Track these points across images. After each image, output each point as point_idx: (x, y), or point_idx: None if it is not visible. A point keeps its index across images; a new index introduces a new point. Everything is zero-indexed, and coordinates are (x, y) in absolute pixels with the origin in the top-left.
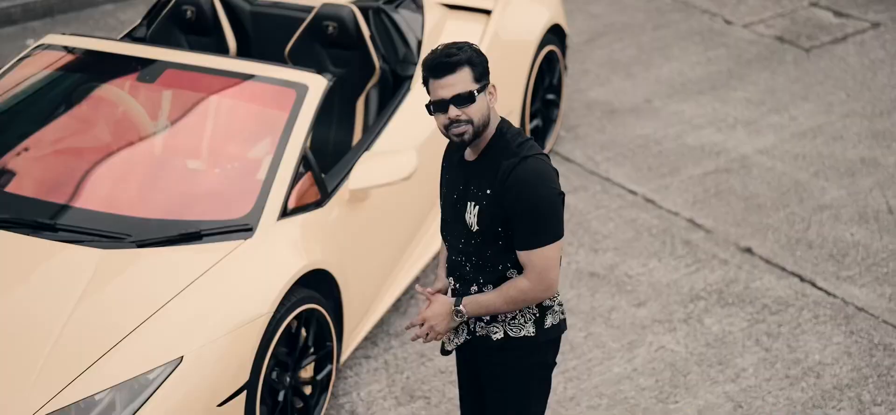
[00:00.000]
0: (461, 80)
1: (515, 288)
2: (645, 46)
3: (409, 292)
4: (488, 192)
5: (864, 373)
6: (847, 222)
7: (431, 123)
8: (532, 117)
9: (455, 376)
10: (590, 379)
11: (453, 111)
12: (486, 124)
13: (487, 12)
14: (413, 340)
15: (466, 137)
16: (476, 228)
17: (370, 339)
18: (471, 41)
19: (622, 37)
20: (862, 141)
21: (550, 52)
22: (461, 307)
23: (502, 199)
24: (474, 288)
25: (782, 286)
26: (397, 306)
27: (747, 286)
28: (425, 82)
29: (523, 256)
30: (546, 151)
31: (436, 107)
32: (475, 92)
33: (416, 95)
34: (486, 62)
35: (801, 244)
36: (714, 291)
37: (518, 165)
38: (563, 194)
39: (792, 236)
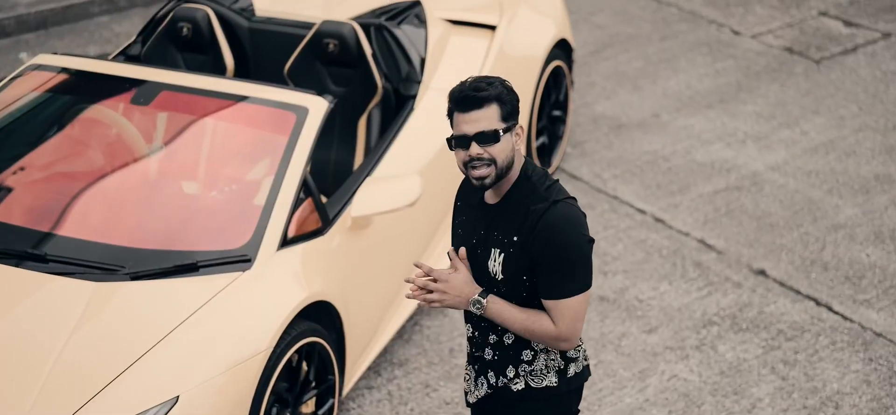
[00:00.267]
0: (487, 117)
1: (540, 327)
2: (651, 58)
3: (413, 319)
4: (515, 239)
5: (885, 403)
6: (863, 242)
7: (436, 145)
8: (538, 135)
9: (461, 408)
10: (601, 411)
11: (475, 149)
12: (509, 166)
13: (492, 28)
14: (410, 293)
15: (488, 180)
16: (501, 277)
17: (373, 368)
18: (501, 77)
19: (628, 48)
20: (875, 156)
21: (557, 68)
22: (484, 301)
23: (530, 245)
24: (493, 338)
25: (797, 310)
26: (401, 334)
27: (761, 311)
28: (449, 114)
29: (550, 304)
30: (552, 168)
31: (457, 142)
32: (500, 131)
33: (420, 115)
34: (517, 101)
35: (816, 266)
36: (727, 315)
37: (548, 210)
38: (592, 241)
39: (806, 257)
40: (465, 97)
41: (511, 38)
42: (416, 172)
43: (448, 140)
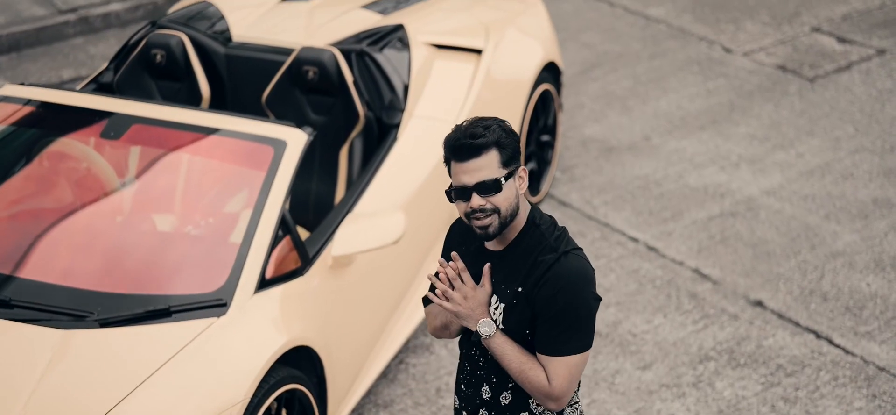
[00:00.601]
0: (487, 166)
1: (535, 377)
2: (641, 77)
3: (398, 357)
4: (520, 290)
5: None
6: (862, 271)
7: (420, 176)
8: (527, 160)
9: None
10: None
11: (477, 200)
12: (514, 214)
13: (478, 52)
14: (431, 290)
15: (492, 230)
16: (500, 328)
17: (357, 411)
18: (500, 118)
19: (617, 67)
20: (873, 179)
21: (545, 92)
22: (491, 334)
23: (535, 297)
24: (486, 388)
25: (797, 344)
26: (386, 373)
27: (759, 344)
28: (446, 162)
29: (546, 360)
30: (541, 195)
31: (457, 193)
32: (502, 179)
33: (404, 145)
34: (517, 142)
35: (816, 296)
36: (724, 350)
37: (558, 261)
38: (599, 299)
39: (805, 287)
40: (462, 146)
41: (498, 62)
42: (399, 205)
43: (447, 192)
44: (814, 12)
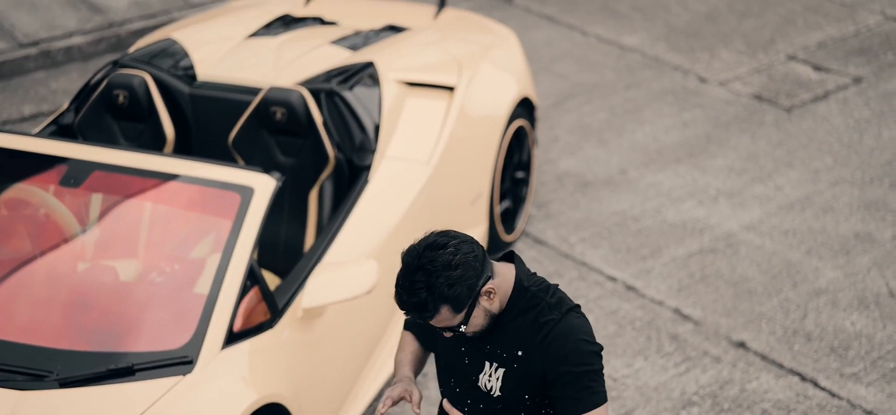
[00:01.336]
0: (443, 320)
1: None
2: (616, 109)
3: (370, 411)
4: (519, 353)
5: None
6: (846, 309)
7: (392, 222)
8: (502, 198)
9: None
10: None
11: (446, 334)
12: (491, 321)
13: (450, 89)
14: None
15: (470, 335)
16: (497, 394)
17: None
18: (444, 253)
19: (592, 99)
20: (854, 213)
21: (519, 128)
22: None
23: (540, 361)
24: None
25: (781, 387)
26: None
27: (743, 388)
28: None
29: None
30: (517, 233)
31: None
32: (461, 325)
33: (375, 188)
34: (470, 276)
35: (799, 336)
36: (707, 394)
37: (561, 320)
38: (602, 348)
39: (788, 327)
40: (411, 315)
41: (471, 99)
42: (371, 252)
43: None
44: (789, 40)
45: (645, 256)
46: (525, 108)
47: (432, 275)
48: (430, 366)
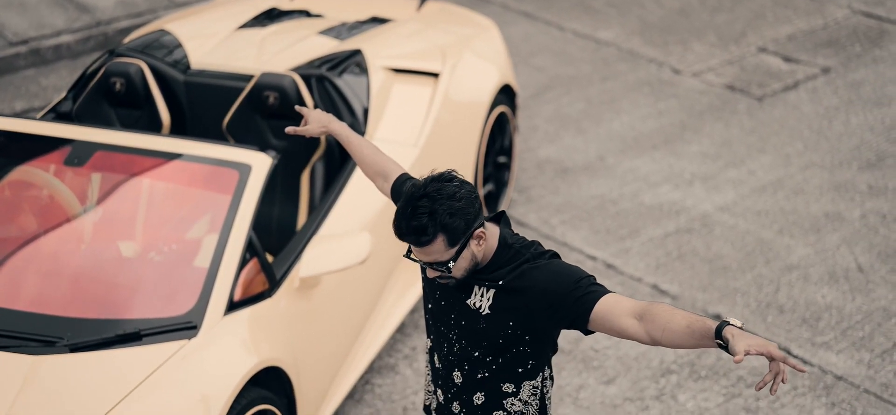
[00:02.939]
0: (435, 251)
1: (634, 333)
2: (594, 100)
3: (364, 378)
4: (500, 283)
5: None
6: (817, 283)
7: (382, 198)
8: (485, 182)
9: None
10: None
11: (431, 272)
12: (475, 267)
13: (435, 75)
14: None
15: (451, 284)
16: (486, 312)
17: None
18: (450, 184)
19: (570, 90)
20: (824, 194)
21: (501, 114)
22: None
23: (524, 301)
24: (457, 406)
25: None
26: (352, 394)
27: (720, 357)
28: None
29: (599, 315)
30: None
31: (414, 258)
32: (451, 262)
33: None
34: (469, 212)
35: (772, 309)
36: (685, 363)
37: (545, 265)
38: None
39: (762, 300)
40: (407, 239)
41: (454, 85)
42: (363, 227)
43: (406, 254)
44: (760, 33)
45: (623, 237)
46: (506, 95)
47: (436, 201)
48: (416, 355)
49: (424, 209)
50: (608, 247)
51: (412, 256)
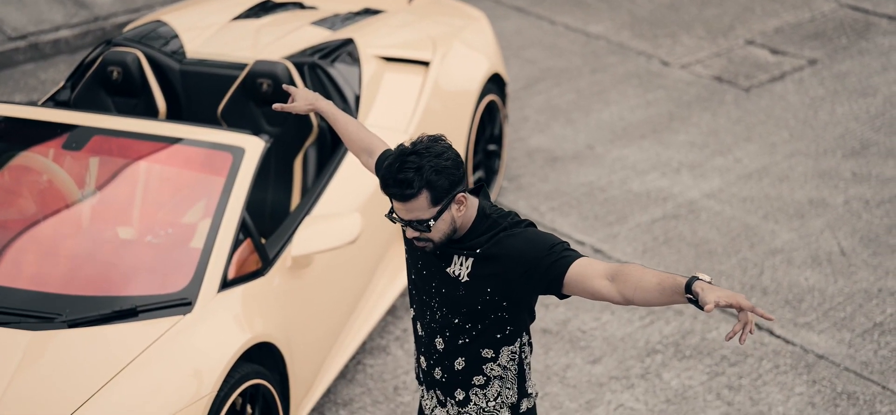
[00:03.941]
0: (417, 208)
1: (607, 294)
2: (583, 91)
3: (355, 358)
4: (478, 251)
5: None
6: (800, 266)
7: (373, 182)
8: (475, 169)
9: None
10: None
11: (411, 231)
12: (453, 233)
13: (425, 64)
14: None
15: (429, 249)
16: (465, 279)
17: (318, 410)
18: (438, 145)
19: (560, 82)
20: (808, 181)
21: (491, 102)
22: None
23: (497, 259)
24: (439, 371)
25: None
26: (344, 374)
27: (703, 337)
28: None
29: (572, 278)
30: None
31: (395, 217)
32: (431, 221)
33: None
34: (453, 174)
35: (756, 291)
36: (670, 343)
37: (514, 234)
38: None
39: (746, 283)
40: (391, 191)
41: (445, 73)
42: (354, 209)
43: (388, 214)
44: (747, 26)
45: (611, 223)
46: (496, 84)
47: (424, 158)
48: (407, 337)
49: (412, 164)
50: (596, 232)
51: (394, 215)
